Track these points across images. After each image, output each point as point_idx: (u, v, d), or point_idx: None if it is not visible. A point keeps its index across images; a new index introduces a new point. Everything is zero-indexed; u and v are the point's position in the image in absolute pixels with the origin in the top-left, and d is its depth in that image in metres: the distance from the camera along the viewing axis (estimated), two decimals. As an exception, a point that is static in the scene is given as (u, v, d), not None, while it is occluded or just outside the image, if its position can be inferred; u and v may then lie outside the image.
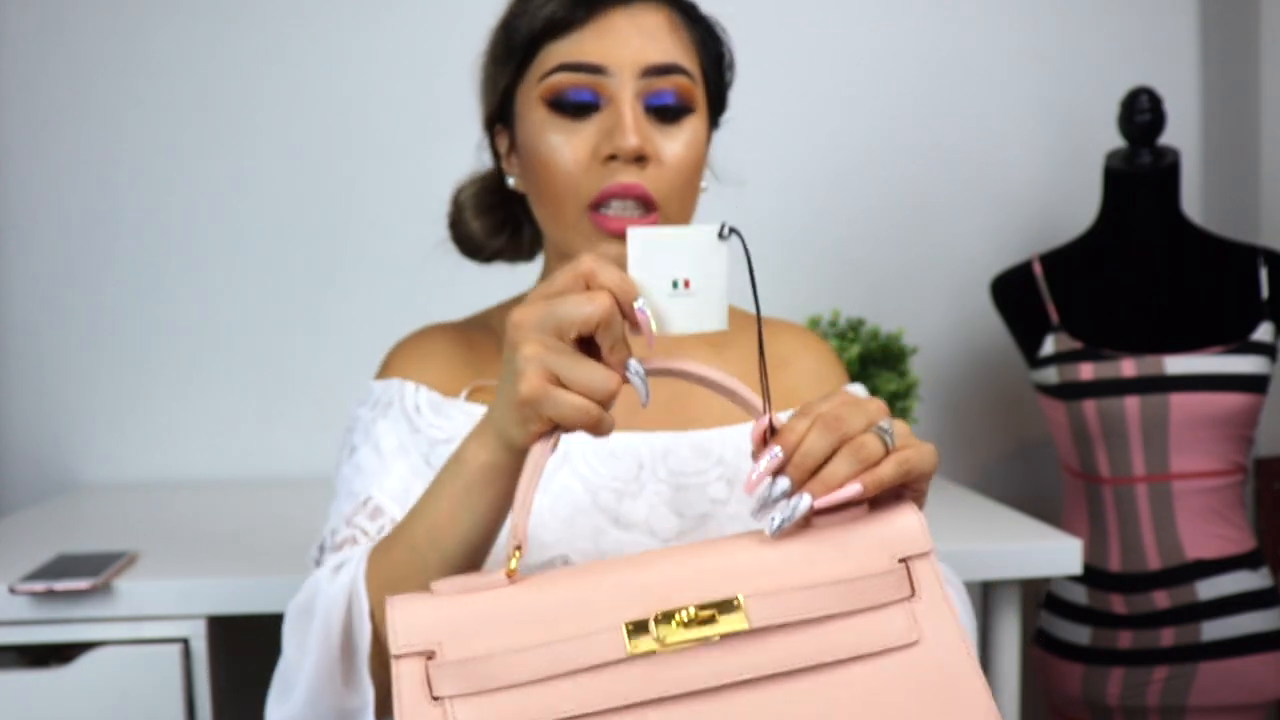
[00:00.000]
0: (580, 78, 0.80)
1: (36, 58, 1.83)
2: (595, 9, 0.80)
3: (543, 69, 0.81)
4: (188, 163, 1.86)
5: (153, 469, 1.88)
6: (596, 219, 0.80)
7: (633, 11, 0.81)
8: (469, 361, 0.91)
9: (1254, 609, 1.52)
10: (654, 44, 0.81)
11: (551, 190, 0.82)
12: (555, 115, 0.81)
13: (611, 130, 0.79)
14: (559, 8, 0.81)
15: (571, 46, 0.80)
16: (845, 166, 1.97)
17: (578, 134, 0.80)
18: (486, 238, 0.95)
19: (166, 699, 1.19)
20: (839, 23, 1.96)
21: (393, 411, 0.87)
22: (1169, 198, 1.62)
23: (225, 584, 1.21)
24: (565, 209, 0.81)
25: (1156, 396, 1.53)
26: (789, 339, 0.97)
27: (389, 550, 0.73)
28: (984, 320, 1.94)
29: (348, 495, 0.86)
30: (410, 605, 0.61)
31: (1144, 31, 2.00)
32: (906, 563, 0.64)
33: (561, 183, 0.81)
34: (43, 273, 1.86)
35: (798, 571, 0.63)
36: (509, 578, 0.62)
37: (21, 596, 1.17)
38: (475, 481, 0.69)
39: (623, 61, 0.80)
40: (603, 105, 0.81)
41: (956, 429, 2.01)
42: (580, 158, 0.80)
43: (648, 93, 0.81)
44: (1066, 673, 1.60)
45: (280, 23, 1.87)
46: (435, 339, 0.93)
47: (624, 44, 0.80)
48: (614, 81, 0.80)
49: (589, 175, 0.80)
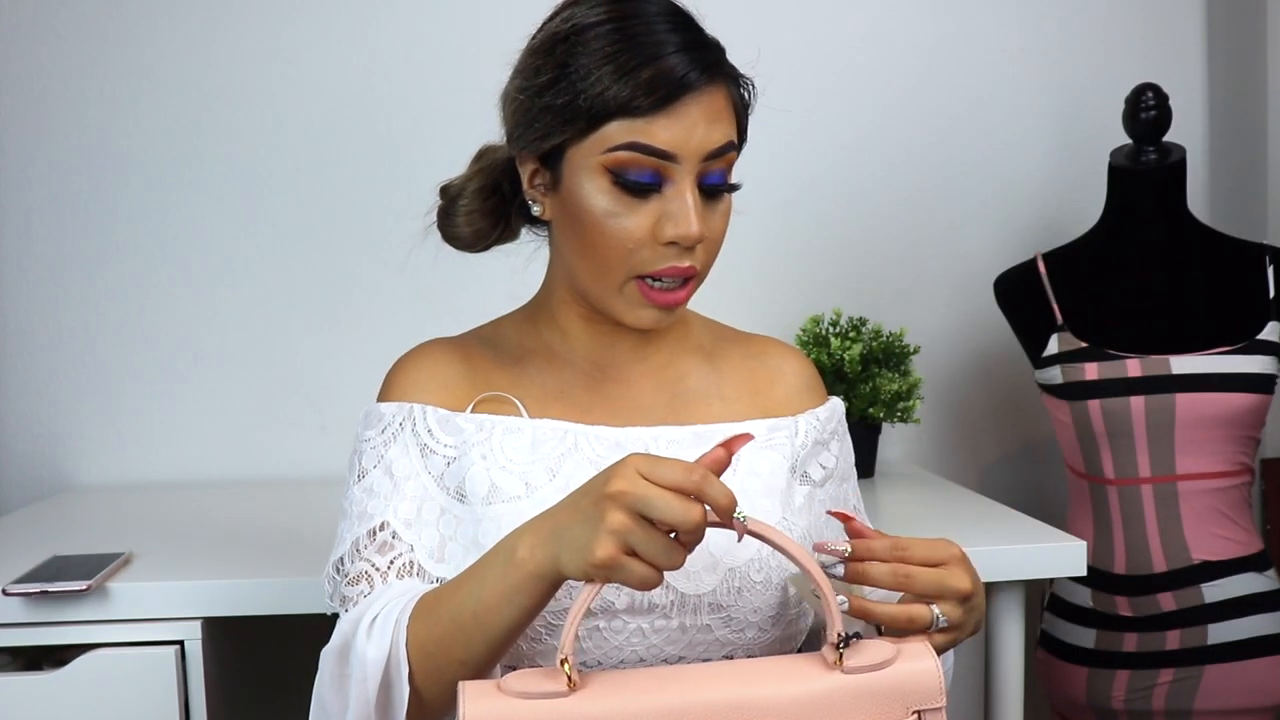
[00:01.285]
0: (650, 160, 0.82)
1: (31, 55, 1.82)
2: (672, 99, 0.81)
3: (609, 141, 0.82)
4: (183, 161, 1.85)
5: (147, 470, 1.87)
6: (645, 291, 0.85)
7: (702, 97, 0.83)
8: (467, 376, 0.92)
9: (1261, 611, 1.51)
10: (717, 127, 0.83)
11: (601, 254, 0.84)
12: (616, 188, 0.83)
13: (675, 216, 0.82)
14: (635, 94, 0.80)
15: (645, 128, 0.81)
16: (847, 165, 1.96)
17: (637, 211, 0.83)
18: (476, 239, 0.97)
19: (162, 702, 1.18)
20: (840, 21, 1.95)
21: (404, 436, 0.89)
22: (1175, 195, 1.61)
23: (221, 586, 1.20)
24: (613, 275, 0.85)
25: (1162, 397, 1.52)
26: (777, 353, 1.01)
27: (433, 620, 0.78)
28: (987, 319, 1.93)
29: (360, 516, 0.87)
30: (480, 699, 0.70)
31: (1149, 28, 1.99)
32: (920, 714, 0.73)
33: (616, 252, 0.83)
34: (37, 273, 1.85)
35: (820, 717, 0.71)
36: (570, 689, 0.70)
37: (15, 599, 1.16)
38: (525, 584, 0.74)
39: (690, 149, 0.82)
40: (665, 188, 0.83)
41: (959, 429, 2.00)
42: (639, 236, 0.83)
43: (705, 174, 0.84)
44: (1071, 676, 1.59)
45: (280, 18, 1.86)
46: (435, 356, 0.93)
47: (692, 131, 0.82)
48: (680, 168, 0.82)
49: (644, 250, 0.83)
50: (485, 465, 0.86)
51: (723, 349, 0.98)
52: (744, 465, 0.89)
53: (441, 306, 1.87)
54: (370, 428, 0.90)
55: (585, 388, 0.92)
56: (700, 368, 0.96)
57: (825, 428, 0.96)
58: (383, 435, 0.89)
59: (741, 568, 0.84)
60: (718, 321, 1.02)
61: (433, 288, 1.84)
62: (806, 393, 0.98)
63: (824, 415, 0.97)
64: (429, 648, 0.77)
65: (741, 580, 0.84)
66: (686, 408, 0.93)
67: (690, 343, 0.97)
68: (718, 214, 0.86)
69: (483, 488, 0.85)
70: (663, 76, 0.81)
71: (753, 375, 0.97)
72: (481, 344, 0.95)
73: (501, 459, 0.87)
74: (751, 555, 0.85)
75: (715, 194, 0.85)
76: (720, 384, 0.95)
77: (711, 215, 0.85)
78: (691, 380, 0.95)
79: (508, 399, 0.90)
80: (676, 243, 0.83)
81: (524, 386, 0.91)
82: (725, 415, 0.93)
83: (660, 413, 0.92)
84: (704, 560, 0.84)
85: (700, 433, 0.90)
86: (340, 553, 0.87)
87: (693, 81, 0.81)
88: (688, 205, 0.82)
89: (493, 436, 0.87)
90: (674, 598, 0.83)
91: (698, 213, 0.82)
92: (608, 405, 0.91)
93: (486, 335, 0.97)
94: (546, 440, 0.88)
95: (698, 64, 0.82)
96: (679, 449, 0.89)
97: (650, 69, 0.80)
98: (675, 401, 0.93)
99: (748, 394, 0.96)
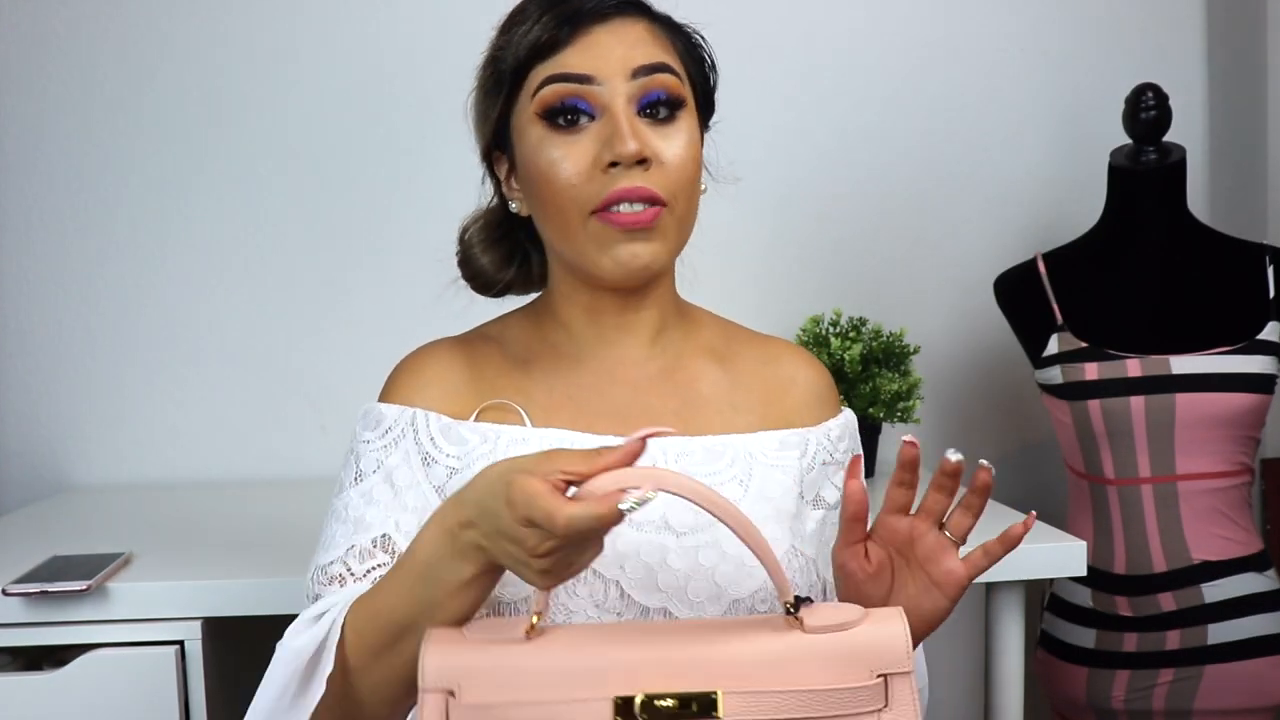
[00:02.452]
0: (570, 87, 0.82)
1: (31, 55, 1.82)
2: (578, 28, 0.83)
3: (533, 86, 0.84)
4: (183, 161, 1.85)
5: (147, 470, 1.87)
6: (607, 217, 0.82)
7: (613, 26, 0.84)
8: (472, 379, 0.91)
9: (1261, 611, 1.51)
10: (637, 49, 0.84)
11: (556, 203, 0.83)
12: (551, 130, 0.83)
13: (610, 138, 0.81)
14: (541, 31, 0.83)
15: (559, 60, 0.83)
16: (847, 165, 1.96)
17: (576, 145, 0.82)
18: (496, 271, 0.97)
19: (161, 702, 1.18)
20: (840, 20, 1.95)
21: (405, 443, 0.87)
22: (1175, 195, 1.61)
23: (221, 586, 1.20)
24: (570, 219, 0.83)
25: (1162, 397, 1.52)
26: (791, 360, 0.98)
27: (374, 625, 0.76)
28: (987, 320, 1.92)
29: (357, 524, 0.85)
30: (441, 646, 0.70)
31: (1149, 27, 1.99)
32: (885, 677, 0.71)
33: (565, 194, 0.82)
34: (37, 273, 1.85)
35: (780, 675, 0.69)
36: (527, 635, 0.70)
37: (15, 599, 1.16)
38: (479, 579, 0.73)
39: (610, 70, 0.82)
40: (597, 115, 0.83)
41: (959, 429, 2.00)
42: (581, 168, 0.82)
43: (639, 95, 0.83)
44: (1071, 676, 1.59)
45: (281, 19, 1.86)
46: (439, 358, 0.92)
47: (608, 53, 0.83)
48: (604, 90, 0.82)
49: (592, 183, 0.82)
50: None
51: (735, 351, 0.96)
52: (754, 488, 0.87)
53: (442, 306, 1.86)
54: (369, 429, 0.88)
55: (593, 391, 0.90)
56: (712, 371, 0.93)
57: (838, 446, 0.94)
58: (383, 439, 0.87)
59: (746, 599, 0.83)
60: (728, 320, 1.00)
61: (434, 289, 1.84)
62: (819, 404, 0.95)
63: (836, 433, 0.94)
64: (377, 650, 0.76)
65: (746, 611, 0.83)
66: (697, 416, 0.91)
67: (700, 343, 0.95)
68: (672, 141, 0.83)
69: None
70: (567, 11, 0.83)
71: (765, 384, 0.94)
72: (488, 344, 0.94)
73: None
74: (758, 587, 0.83)
75: (663, 116, 0.84)
76: (732, 391, 0.93)
77: (664, 140, 0.83)
78: (703, 385, 0.92)
79: (511, 407, 0.88)
80: (618, 162, 0.81)
81: (529, 392, 0.90)
82: (736, 426, 0.91)
83: (668, 420, 0.89)
84: (708, 590, 0.82)
85: (710, 446, 0.88)
86: (333, 556, 0.85)
87: (599, 8, 0.83)
88: (620, 123, 0.81)
89: (498, 448, 0.85)
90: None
91: (632, 129, 0.81)
92: (616, 412, 0.89)
93: (494, 334, 0.95)
94: None
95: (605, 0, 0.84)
96: (689, 462, 0.87)
97: (554, 10, 0.83)
98: (686, 409, 0.91)
99: (760, 404, 0.93)
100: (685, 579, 0.82)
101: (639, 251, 0.83)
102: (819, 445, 0.92)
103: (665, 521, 0.85)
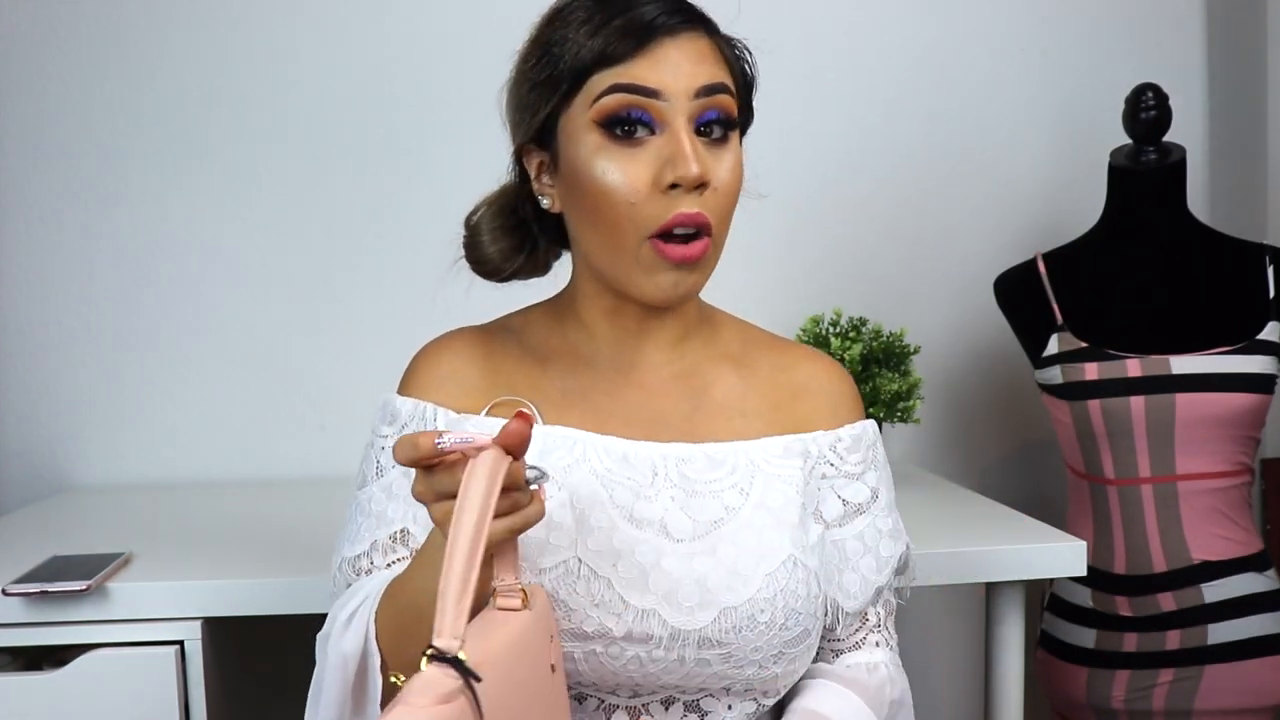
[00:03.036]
0: (635, 99, 0.81)
1: (31, 55, 1.82)
2: (646, 40, 0.82)
3: (594, 92, 0.82)
4: (183, 161, 1.85)
5: (147, 470, 1.87)
6: (660, 247, 0.82)
7: (680, 40, 0.83)
8: (487, 377, 0.91)
9: (1261, 611, 1.51)
10: (702, 67, 0.83)
11: (611, 219, 0.83)
12: (609, 141, 0.82)
13: (673, 158, 0.81)
14: (609, 41, 0.82)
15: (625, 70, 0.82)
16: (847, 165, 1.96)
17: (635, 161, 0.82)
18: (503, 260, 0.96)
19: (162, 702, 1.18)
20: (840, 20, 1.95)
21: None
22: (1175, 195, 1.61)
23: (221, 586, 1.20)
24: (625, 238, 0.82)
25: (1162, 396, 1.52)
26: (809, 367, 0.96)
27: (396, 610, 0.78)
28: (987, 319, 1.92)
29: (380, 518, 0.88)
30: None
31: (1149, 27, 1.99)
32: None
33: (623, 212, 0.82)
34: (37, 273, 1.84)
35: None
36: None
37: (14, 599, 1.16)
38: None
39: (677, 87, 0.81)
40: (658, 131, 0.82)
41: (959, 429, 2.00)
42: (640, 187, 0.81)
43: (697, 114, 0.82)
44: (1070, 676, 1.59)
45: (281, 19, 1.85)
46: (456, 350, 0.93)
47: (676, 69, 0.82)
48: (669, 107, 0.81)
49: (651, 203, 0.81)
50: None
51: (753, 357, 0.95)
52: (755, 496, 0.86)
53: (442, 306, 1.86)
54: (386, 423, 0.91)
55: (606, 393, 0.90)
56: (728, 378, 0.93)
57: (847, 458, 0.92)
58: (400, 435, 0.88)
59: (743, 606, 0.82)
60: (751, 324, 0.99)
61: (434, 287, 1.84)
62: (833, 410, 0.94)
63: (845, 443, 0.92)
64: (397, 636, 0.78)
65: (741, 619, 0.82)
66: (707, 422, 0.90)
67: (719, 349, 0.94)
68: (724, 163, 0.84)
69: None
70: (636, 21, 0.82)
71: (778, 389, 0.93)
72: (508, 337, 0.94)
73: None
74: (753, 594, 0.83)
75: (717, 139, 0.84)
76: (744, 397, 0.92)
77: (716, 163, 0.83)
78: (716, 391, 0.92)
79: (524, 403, 0.89)
80: (679, 185, 0.80)
81: (543, 389, 0.90)
82: (743, 432, 0.90)
83: (679, 424, 0.89)
84: (698, 597, 0.82)
85: (712, 454, 0.88)
86: (358, 550, 0.87)
87: (667, 23, 0.82)
88: (683, 144, 0.80)
89: None
90: (668, 631, 0.81)
91: (696, 152, 0.81)
92: (626, 413, 0.89)
93: (516, 326, 0.96)
94: (555, 449, 0.86)
95: (671, 10, 0.83)
96: (691, 468, 0.87)
97: (622, 19, 0.82)
98: (696, 414, 0.90)
99: (769, 409, 0.92)
100: (676, 583, 0.82)
101: (682, 281, 0.84)
102: (821, 454, 0.91)
103: (664, 527, 0.85)
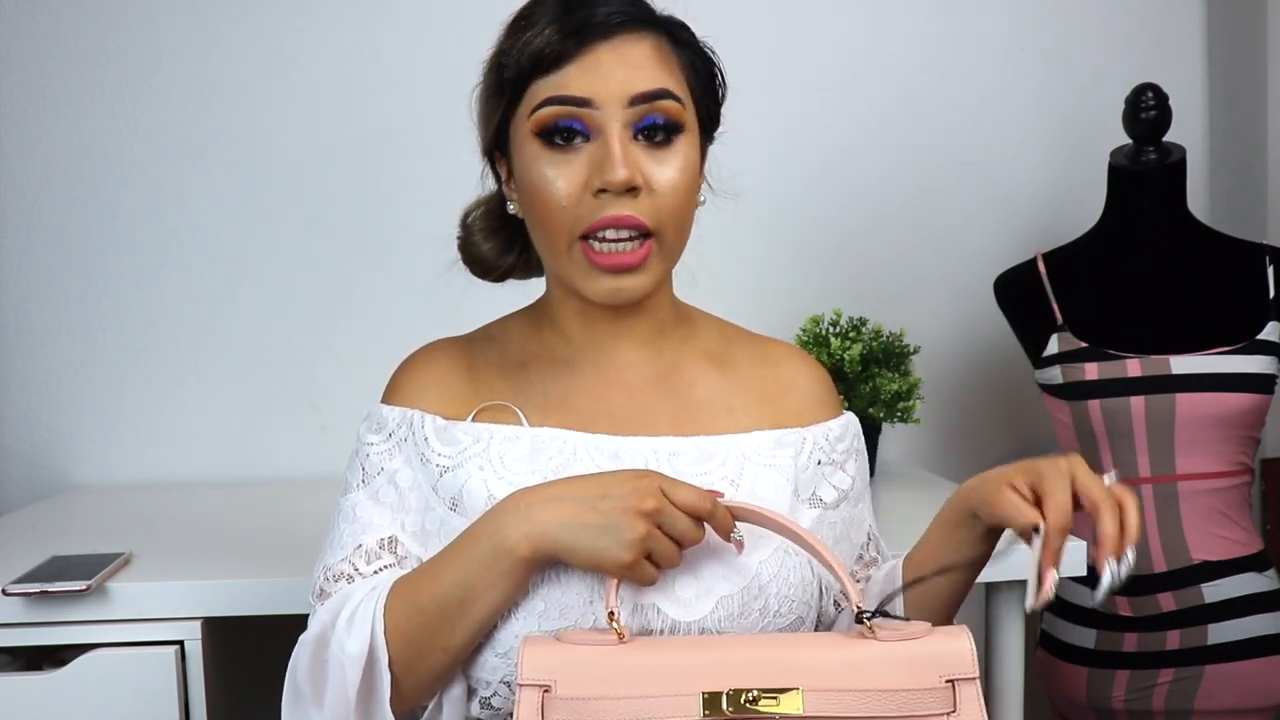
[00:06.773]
0: (566, 110, 0.82)
1: (31, 55, 1.82)
2: (582, 43, 0.82)
3: (532, 103, 0.83)
4: (184, 161, 1.85)
5: (147, 470, 1.87)
6: (587, 250, 0.83)
7: (616, 44, 0.83)
8: (470, 384, 0.92)
9: (1261, 611, 1.51)
10: (639, 73, 0.83)
11: (546, 221, 0.84)
12: (546, 148, 0.83)
13: (601, 163, 0.81)
14: (545, 43, 0.82)
15: (558, 81, 0.82)
16: (846, 165, 1.96)
17: (569, 165, 0.82)
18: (497, 258, 0.97)
19: (161, 702, 1.18)
20: (838, 20, 1.95)
21: (406, 447, 0.89)
22: (1175, 195, 1.61)
23: (221, 586, 1.20)
24: (558, 239, 0.84)
25: (1162, 397, 1.52)
26: (793, 362, 0.98)
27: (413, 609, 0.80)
28: (987, 319, 1.92)
29: (365, 524, 0.88)
30: (538, 646, 0.76)
31: (1149, 27, 1.99)
32: (953, 683, 0.76)
33: (556, 214, 0.83)
34: (37, 273, 1.85)
35: (855, 677, 0.75)
36: (620, 639, 0.76)
37: (14, 599, 1.16)
38: (514, 569, 0.78)
39: (609, 95, 0.82)
40: (592, 136, 0.83)
41: (959, 429, 2.00)
42: (572, 190, 0.82)
43: (635, 120, 0.83)
44: (1071, 676, 1.59)
45: (282, 19, 1.85)
46: (438, 359, 0.93)
47: (608, 77, 0.82)
48: (601, 114, 0.82)
49: (581, 206, 0.82)
50: (483, 476, 0.86)
51: (733, 354, 0.96)
52: (745, 487, 0.87)
53: (441, 306, 1.86)
54: (373, 431, 0.91)
55: (589, 395, 0.90)
56: (708, 375, 0.94)
57: (836, 447, 0.94)
58: (386, 443, 0.89)
59: (738, 595, 0.83)
60: (728, 322, 1.00)
61: (432, 289, 1.84)
62: (819, 405, 0.96)
63: (835, 434, 0.94)
64: (410, 636, 0.79)
65: (738, 607, 0.83)
66: (693, 420, 0.91)
67: (697, 347, 0.95)
68: (668, 166, 0.83)
69: (480, 498, 0.84)
70: (570, 26, 0.82)
71: (763, 384, 0.94)
72: (489, 345, 0.95)
73: (500, 469, 0.86)
74: (746, 583, 0.83)
75: (660, 141, 0.83)
76: (729, 394, 0.93)
77: (658, 166, 0.83)
78: (699, 389, 0.92)
79: (509, 408, 0.89)
80: (606, 189, 0.81)
81: (526, 394, 0.90)
82: (732, 427, 0.91)
83: (665, 423, 0.90)
84: (695, 588, 0.83)
85: (702, 446, 0.89)
86: (341, 555, 0.87)
87: (603, 25, 0.82)
88: (612, 149, 0.81)
89: (490, 446, 0.87)
90: (668, 624, 0.82)
91: (625, 157, 0.80)
92: (611, 414, 0.90)
93: (495, 335, 0.96)
94: (545, 449, 0.87)
95: (611, 12, 0.82)
96: (681, 461, 0.87)
97: (559, 23, 0.82)
98: (682, 413, 0.91)
99: (756, 404, 0.93)
100: (672, 575, 0.83)
101: (623, 286, 0.84)
102: (815, 444, 0.93)
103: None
